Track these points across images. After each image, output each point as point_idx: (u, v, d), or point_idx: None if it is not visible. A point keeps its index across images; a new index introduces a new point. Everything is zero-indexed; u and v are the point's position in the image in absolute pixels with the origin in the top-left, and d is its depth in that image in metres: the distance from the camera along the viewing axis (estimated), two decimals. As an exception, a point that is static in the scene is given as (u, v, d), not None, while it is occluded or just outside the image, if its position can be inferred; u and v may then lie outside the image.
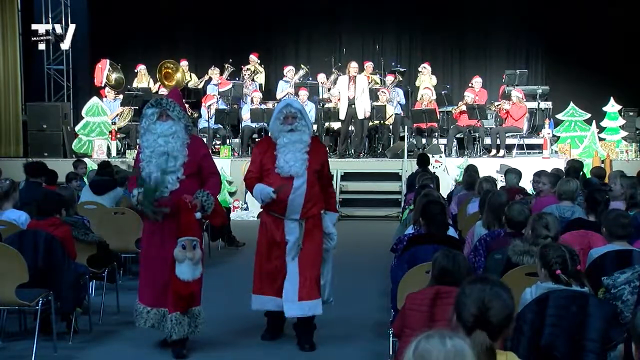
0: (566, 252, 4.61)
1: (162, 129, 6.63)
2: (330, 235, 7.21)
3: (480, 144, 17.59)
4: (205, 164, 6.92)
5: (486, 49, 21.30)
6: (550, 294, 4.38)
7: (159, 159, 6.58)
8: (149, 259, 6.84)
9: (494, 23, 21.05)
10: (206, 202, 6.65)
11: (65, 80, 20.29)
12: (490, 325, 3.15)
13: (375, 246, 11.94)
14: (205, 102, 17.97)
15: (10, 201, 7.99)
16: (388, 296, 6.89)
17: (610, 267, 5.29)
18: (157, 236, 6.75)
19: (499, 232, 6.32)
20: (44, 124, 17.87)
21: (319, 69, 19.45)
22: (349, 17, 21.32)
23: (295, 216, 6.93)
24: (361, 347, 7.03)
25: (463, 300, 3.22)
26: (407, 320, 4.42)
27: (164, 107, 6.71)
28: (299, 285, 6.86)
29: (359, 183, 16.63)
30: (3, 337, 6.86)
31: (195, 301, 6.71)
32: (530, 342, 4.24)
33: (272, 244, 7.01)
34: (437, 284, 4.51)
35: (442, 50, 21.33)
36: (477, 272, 5.62)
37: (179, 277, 6.48)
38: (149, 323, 6.77)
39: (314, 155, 7.03)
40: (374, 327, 7.53)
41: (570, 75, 20.06)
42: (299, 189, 6.87)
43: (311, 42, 21.74)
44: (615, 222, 5.80)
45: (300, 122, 6.97)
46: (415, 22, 21.43)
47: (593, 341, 4.28)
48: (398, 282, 5.72)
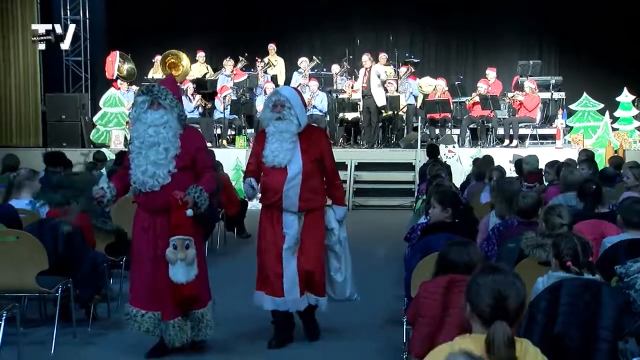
0: (578, 243, 4.58)
1: (152, 118, 6.07)
2: (332, 230, 6.75)
3: (493, 134, 17.57)
4: (199, 157, 6.31)
5: (499, 39, 21.22)
6: (564, 282, 4.37)
7: (148, 150, 6.03)
8: (140, 259, 6.28)
9: (508, 14, 20.91)
10: (199, 198, 6.06)
11: (83, 72, 20.38)
12: (508, 314, 3.14)
13: (388, 235, 11.94)
14: (221, 93, 17.97)
15: (27, 189, 8.02)
16: (402, 284, 6.89)
17: (623, 255, 5.25)
18: (149, 234, 6.19)
19: (512, 222, 6.30)
20: (63, 115, 17.94)
21: (333, 60, 19.42)
22: (362, 8, 21.26)
23: (293, 209, 6.51)
24: (375, 335, 7.02)
25: (478, 292, 3.19)
26: (421, 308, 4.42)
27: (155, 95, 6.11)
28: (299, 280, 6.53)
29: (372, 173, 16.65)
30: (24, 323, 6.87)
31: (196, 303, 6.22)
32: (543, 331, 4.22)
33: (271, 238, 6.59)
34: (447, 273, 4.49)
35: (455, 42, 21.30)
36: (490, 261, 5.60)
37: (172, 280, 5.97)
38: (144, 327, 6.19)
39: (312, 144, 6.61)
40: (388, 315, 7.53)
41: (583, 65, 19.96)
42: (294, 179, 6.45)
43: (326, 34, 21.70)
44: (630, 209, 5.77)
45: (289, 110, 6.51)
46: (428, 13, 21.34)
47: (606, 329, 4.27)
48: (412, 270, 5.72)
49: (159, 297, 6.13)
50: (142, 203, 6.25)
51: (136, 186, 6.15)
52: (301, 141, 6.53)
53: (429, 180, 9.94)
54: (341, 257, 6.83)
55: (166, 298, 6.09)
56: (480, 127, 17.65)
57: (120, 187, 6.33)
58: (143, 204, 6.24)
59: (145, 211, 6.22)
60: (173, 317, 6.12)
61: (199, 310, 6.24)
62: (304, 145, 6.52)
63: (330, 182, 6.80)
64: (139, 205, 6.31)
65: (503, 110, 17.76)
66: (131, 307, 6.23)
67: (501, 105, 17.66)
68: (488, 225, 6.80)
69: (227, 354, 6.51)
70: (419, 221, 7.55)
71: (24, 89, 19.76)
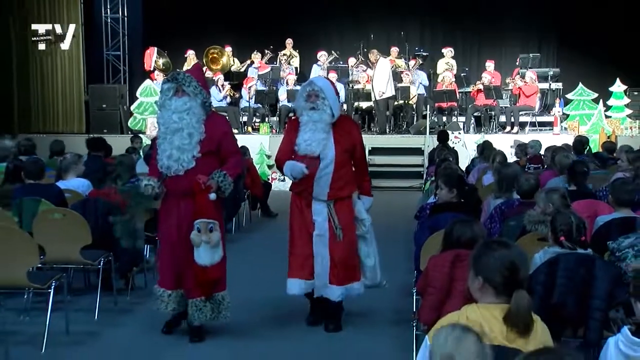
0: (574, 221, 4.57)
1: (176, 104, 5.81)
2: (363, 220, 6.35)
3: (496, 122, 17.53)
4: (224, 142, 5.99)
5: (502, 34, 21.01)
6: (561, 256, 4.37)
7: (173, 135, 5.78)
8: (166, 241, 6.06)
9: (510, 10, 20.76)
10: (223, 182, 5.79)
11: (121, 65, 20.44)
12: (519, 283, 3.13)
13: (400, 214, 11.94)
14: (246, 84, 18.00)
15: (73, 172, 8.09)
16: (412, 259, 6.89)
17: (615, 232, 5.24)
18: (173, 217, 5.93)
19: (514, 202, 6.29)
20: (104, 104, 18.01)
21: (349, 54, 19.38)
22: (376, 6, 21.16)
23: (323, 197, 6.15)
24: (388, 305, 7.04)
25: (491, 265, 3.18)
26: (430, 280, 4.42)
27: (180, 82, 5.85)
28: (330, 269, 6.16)
29: (385, 157, 16.61)
30: (71, 292, 6.94)
31: (218, 286, 5.94)
32: (542, 301, 4.22)
33: (302, 225, 6.24)
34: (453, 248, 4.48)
35: (461, 36, 21.11)
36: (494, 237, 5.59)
37: (197, 262, 5.72)
38: (171, 307, 5.99)
39: (344, 135, 6.22)
40: (399, 287, 7.53)
41: (579, 58, 19.78)
42: (326, 168, 6.08)
43: (342, 29, 21.59)
44: (621, 189, 5.77)
45: (323, 101, 6.14)
46: (437, 10, 21.21)
47: (599, 299, 4.27)
48: (421, 246, 5.72)
49: (184, 277, 5.91)
50: (167, 187, 5.96)
51: (162, 170, 5.90)
52: (334, 131, 6.17)
53: (438, 163, 9.92)
54: (370, 242, 6.47)
55: (189, 278, 5.85)
56: (483, 115, 17.64)
57: (158, 175, 6.01)
58: (168, 187, 5.95)
59: (171, 195, 5.95)
60: (194, 296, 5.87)
61: (220, 292, 5.96)
62: (336, 135, 6.16)
63: (361, 173, 6.46)
64: (166, 190, 6.00)
65: (505, 100, 17.72)
66: (159, 287, 6.04)
67: (503, 94, 17.63)
68: (490, 205, 6.79)
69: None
70: (428, 201, 7.54)
71: (69, 81, 19.88)
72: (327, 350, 5.85)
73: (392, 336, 6.16)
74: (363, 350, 5.82)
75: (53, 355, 5.80)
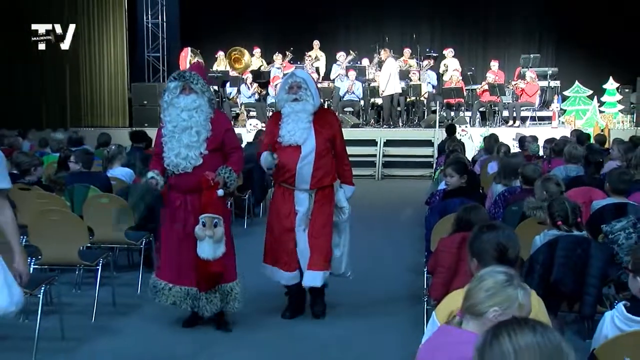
0: (568, 206, 4.56)
1: (185, 102, 5.35)
2: (342, 209, 5.93)
3: (500, 116, 17.44)
4: (227, 139, 5.55)
5: (505, 37, 20.93)
6: (560, 238, 4.36)
7: (181, 133, 5.34)
8: (171, 235, 5.55)
9: (512, 15, 20.75)
10: (229, 178, 5.41)
11: (160, 65, 20.55)
12: (510, 262, 3.13)
13: (411, 200, 11.92)
14: (273, 82, 18.01)
15: (118, 161, 8.15)
16: (422, 241, 6.88)
17: (609, 216, 5.22)
18: (180, 212, 5.47)
19: (516, 188, 6.27)
20: (145, 100, 18.09)
21: (366, 54, 19.34)
22: (391, 12, 21.12)
23: (305, 186, 5.72)
24: (401, 283, 7.04)
25: (482, 247, 3.18)
26: (439, 260, 4.42)
27: (187, 80, 5.40)
28: (309, 256, 5.73)
29: (398, 148, 16.58)
30: (116, 269, 7.01)
31: (223, 278, 5.50)
32: (541, 278, 4.22)
33: (283, 215, 5.79)
34: (461, 231, 4.48)
35: (468, 38, 21.06)
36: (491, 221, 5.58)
37: (199, 256, 5.33)
38: (170, 300, 5.51)
39: (324, 125, 5.78)
40: (411, 266, 7.54)
41: (575, 58, 19.70)
42: (307, 157, 5.65)
43: (359, 32, 21.58)
44: (618, 179, 5.72)
45: (305, 91, 5.72)
46: (446, 15, 21.22)
47: (594, 277, 4.26)
48: (431, 229, 5.72)
49: (188, 272, 5.48)
50: (174, 184, 5.52)
51: (170, 168, 5.45)
52: (315, 122, 5.74)
53: (447, 154, 9.89)
54: (342, 233, 5.98)
55: (197, 272, 5.47)
56: (488, 110, 17.52)
57: (161, 169, 5.58)
58: (175, 184, 5.50)
59: (177, 191, 5.50)
60: (203, 289, 5.49)
61: (227, 284, 5.53)
62: (317, 125, 5.73)
63: (340, 163, 5.94)
64: (170, 186, 5.56)
65: (507, 96, 17.62)
66: (158, 279, 5.59)
67: (506, 92, 17.57)
68: (494, 191, 6.77)
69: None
70: (438, 188, 7.52)
71: (114, 80, 20.03)
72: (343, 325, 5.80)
73: (405, 311, 6.14)
74: (378, 325, 5.81)
75: (102, 323, 5.88)
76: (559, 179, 5.56)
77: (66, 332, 5.49)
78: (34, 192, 6.93)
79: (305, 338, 5.56)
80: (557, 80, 18.30)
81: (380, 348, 5.28)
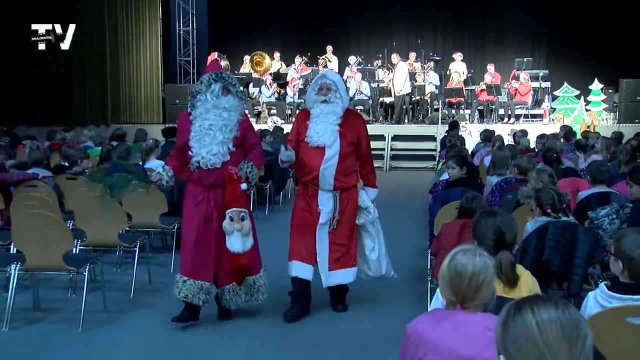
0: (555, 194, 4.55)
1: (227, 103, 5.03)
2: (367, 209, 5.46)
3: (496, 114, 17.35)
4: (248, 135, 5.20)
5: (501, 42, 20.87)
6: (550, 223, 4.34)
7: (217, 131, 4.98)
8: (191, 230, 5.07)
9: (508, 22, 20.62)
10: (250, 173, 5.05)
11: (191, 68, 20.61)
12: (506, 245, 3.13)
13: (416, 189, 11.93)
14: (291, 83, 18.04)
15: (154, 154, 8.19)
16: (426, 226, 6.88)
17: (594, 204, 5.21)
18: (203, 207, 5.04)
19: (511, 179, 6.25)
20: (177, 100, 18.09)
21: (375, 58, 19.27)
22: (398, 18, 21.08)
23: (328, 187, 5.26)
24: (407, 264, 7.01)
25: (482, 231, 3.18)
26: (442, 243, 4.43)
27: (227, 81, 5.06)
28: (329, 256, 5.32)
29: (404, 143, 16.56)
30: (151, 250, 7.05)
31: (249, 271, 5.18)
32: (533, 260, 4.21)
33: (307, 214, 5.33)
34: (462, 217, 4.49)
35: (467, 43, 20.91)
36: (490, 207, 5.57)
37: (230, 249, 4.97)
38: (183, 294, 5.04)
39: (350, 128, 5.30)
40: (415, 249, 7.54)
41: (564, 61, 19.56)
42: (331, 159, 5.20)
43: (369, 38, 21.52)
44: (597, 170, 5.74)
45: (335, 93, 5.27)
46: (448, 22, 21.13)
47: (581, 259, 4.25)
48: (434, 215, 5.71)
49: (205, 267, 5.06)
50: (197, 179, 5.09)
51: (200, 164, 5.01)
52: (340, 124, 5.29)
53: (448, 148, 9.85)
54: (375, 237, 5.52)
55: (222, 265, 5.08)
56: (485, 108, 17.49)
57: (177, 165, 5.20)
58: (199, 179, 5.08)
59: (200, 186, 5.08)
60: (227, 282, 5.13)
61: (251, 277, 5.20)
62: (342, 128, 5.27)
63: (365, 166, 5.50)
64: (193, 181, 5.14)
65: (503, 96, 17.52)
66: (180, 275, 5.12)
67: (502, 92, 17.48)
68: (490, 182, 6.76)
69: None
70: (440, 179, 7.51)
71: (150, 81, 20.10)
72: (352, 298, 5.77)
73: (411, 289, 6.15)
74: (385, 300, 5.82)
75: (139, 298, 5.94)
76: (552, 171, 5.55)
77: (108, 305, 5.55)
78: (80, 181, 6.98)
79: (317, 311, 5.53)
80: (548, 81, 18.18)
81: (387, 320, 5.26)
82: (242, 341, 4.97)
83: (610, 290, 2.96)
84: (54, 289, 6.09)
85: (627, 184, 5.05)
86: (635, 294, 2.87)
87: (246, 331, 5.17)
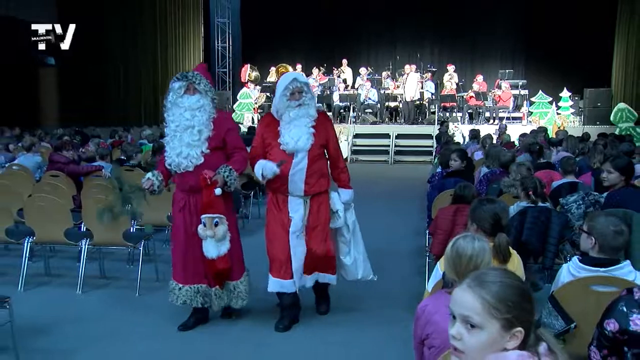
0: (537, 181, 4.54)
1: (189, 102, 4.15)
2: (336, 212, 4.42)
3: (483, 116, 17.29)
4: (229, 138, 4.27)
5: (487, 56, 20.85)
6: (529, 208, 4.33)
7: (183, 132, 4.15)
8: (178, 237, 4.34)
9: (493, 40, 20.64)
10: (229, 177, 4.15)
11: (227, 78, 20.71)
12: (502, 228, 3.12)
13: (416, 179, 11.90)
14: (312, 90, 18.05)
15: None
16: (424, 210, 6.86)
17: (565, 192, 5.18)
18: (186, 212, 4.29)
19: (496, 171, 6.22)
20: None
21: (382, 69, 19.28)
22: (401, 37, 21.06)
23: (299, 193, 4.29)
24: (407, 243, 7.01)
25: (482, 215, 3.14)
26: (438, 224, 4.42)
27: (191, 80, 4.18)
28: (305, 262, 4.33)
29: (406, 140, 16.53)
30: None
31: (229, 276, 4.34)
32: (514, 239, 4.19)
33: (278, 223, 4.33)
34: (456, 203, 4.47)
35: (459, 57, 20.81)
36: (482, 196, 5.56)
37: (205, 255, 4.19)
38: (181, 300, 4.33)
39: (320, 130, 4.30)
40: (415, 230, 7.53)
41: (540, 73, 19.61)
42: (299, 164, 4.24)
43: (377, 52, 21.52)
44: (567, 163, 5.72)
45: (307, 95, 4.30)
46: (443, 39, 21.08)
47: (553, 238, 4.24)
48: (432, 201, 5.69)
49: (196, 270, 4.31)
50: (178, 184, 4.36)
51: (172, 168, 4.28)
52: None
53: (443, 144, 9.81)
54: (349, 242, 4.53)
55: (206, 270, 4.30)
56: (474, 111, 17.43)
57: (165, 171, 4.39)
58: (178, 184, 4.35)
59: (181, 191, 4.32)
60: (213, 286, 4.35)
61: (232, 282, 4.37)
62: (314, 130, 4.31)
63: (334, 166, 4.48)
64: (176, 186, 4.40)
65: (489, 101, 17.48)
66: (173, 281, 4.39)
67: (488, 98, 17.45)
68: (481, 173, 6.73)
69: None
70: (436, 170, 7.49)
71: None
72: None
73: (411, 264, 6.14)
74: (388, 273, 5.76)
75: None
76: (530, 164, 5.54)
77: (159, 275, 5.59)
78: (136, 172, 7.03)
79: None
80: (526, 89, 18.15)
81: (390, 290, 5.26)
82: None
83: (581, 262, 2.96)
84: (115, 260, 6.16)
85: (605, 171, 4.80)
86: (601, 267, 2.87)
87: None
